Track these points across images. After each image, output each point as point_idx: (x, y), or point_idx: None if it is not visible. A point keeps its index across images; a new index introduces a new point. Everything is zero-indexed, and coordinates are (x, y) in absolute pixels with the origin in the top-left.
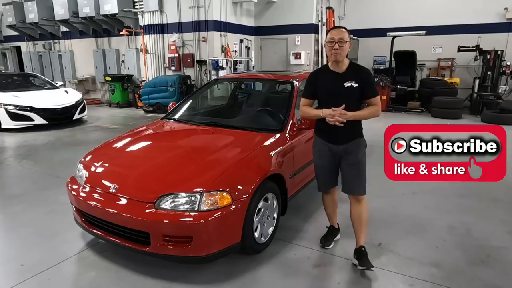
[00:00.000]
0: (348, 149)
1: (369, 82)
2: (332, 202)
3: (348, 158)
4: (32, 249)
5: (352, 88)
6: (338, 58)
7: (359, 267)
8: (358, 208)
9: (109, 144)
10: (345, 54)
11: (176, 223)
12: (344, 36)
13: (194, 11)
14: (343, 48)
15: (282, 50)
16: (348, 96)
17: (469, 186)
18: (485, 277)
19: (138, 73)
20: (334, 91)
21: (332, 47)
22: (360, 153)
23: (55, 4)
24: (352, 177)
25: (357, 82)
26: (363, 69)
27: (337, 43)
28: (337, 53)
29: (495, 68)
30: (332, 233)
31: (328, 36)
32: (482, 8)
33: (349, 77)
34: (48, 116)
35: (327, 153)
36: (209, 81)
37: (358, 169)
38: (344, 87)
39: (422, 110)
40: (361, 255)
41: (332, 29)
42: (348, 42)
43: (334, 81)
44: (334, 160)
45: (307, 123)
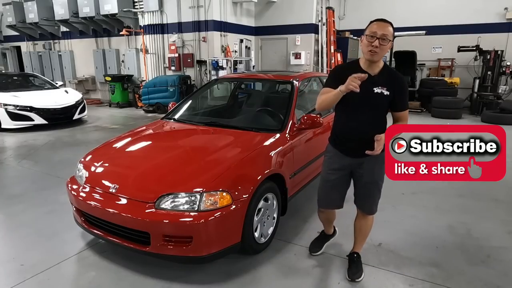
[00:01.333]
0: (364, 163)
1: (403, 92)
2: (329, 218)
3: (362, 173)
4: (32, 249)
5: (382, 95)
6: (374, 57)
7: (346, 276)
8: (362, 222)
9: (109, 144)
10: (384, 54)
11: (176, 223)
12: (388, 32)
13: (194, 11)
14: (384, 48)
15: (282, 50)
16: (375, 104)
17: (469, 186)
18: (485, 277)
19: (138, 73)
20: (361, 94)
21: (371, 43)
22: (378, 172)
23: (55, 4)
24: (365, 196)
25: (389, 90)
26: (398, 76)
27: (378, 40)
28: (376, 51)
29: (495, 68)
30: (324, 239)
31: (369, 29)
32: (482, 8)
33: (381, 82)
34: (48, 116)
35: (337, 165)
36: (209, 81)
37: (372, 189)
38: (373, 92)
39: (422, 110)
40: (352, 262)
41: (374, 21)
42: (391, 42)
43: (363, 83)
44: (345, 175)
45: (307, 123)
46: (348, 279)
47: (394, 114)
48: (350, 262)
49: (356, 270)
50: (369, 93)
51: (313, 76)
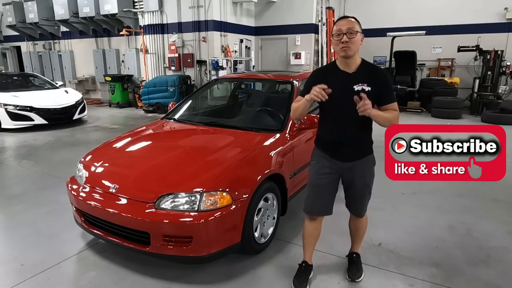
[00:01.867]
0: (354, 168)
1: (386, 86)
2: (315, 231)
3: (353, 178)
4: (32, 249)
5: (364, 92)
6: (348, 52)
7: (346, 277)
8: (357, 223)
9: (109, 144)
10: (357, 48)
11: (176, 223)
12: (353, 26)
13: (194, 11)
14: (354, 40)
15: (282, 50)
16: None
17: (469, 186)
18: (485, 277)
19: (138, 73)
20: (341, 95)
21: (340, 40)
22: (368, 175)
23: (55, 4)
24: (356, 200)
25: (370, 85)
26: (378, 70)
27: (345, 35)
28: (347, 46)
29: (495, 68)
30: (307, 272)
31: (335, 28)
32: (482, 8)
33: (360, 78)
34: (48, 116)
35: (327, 169)
36: (209, 81)
37: (363, 192)
38: (354, 91)
39: (422, 110)
40: (352, 262)
41: (339, 20)
42: (360, 33)
43: (342, 82)
44: (334, 179)
45: (307, 123)
46: (348, 279)
47: (382, 109)
48: (350, 263)
49: (356, 271)
50: (350, 92)
51: None
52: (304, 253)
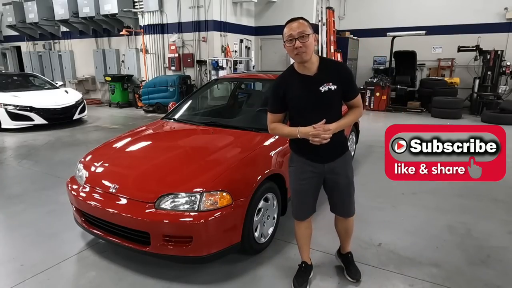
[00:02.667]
0: (336, 168)
1: (349, 80)
2: (307, 231)
3: (337, 179)
4: (32, 249)
5: (330, 91)
6: (304, 57)
7: (347, 276)
8: (344, 223)
9: (109, 144)
10: (312, 50)
11: (176, 223)
12: (304, 29)
13: (194, 11)
14: (307, 44)
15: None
16: (327, 103)
17: (469, 186)
18: (485, 277)
19: (138, 73)
20: (309, 100)
21: (293, 46)
22: (350, 171)
23: (55, 4)
24: (343, 199)
25: (335, 83)
26: (339, 65)
27: (297, 40)
28: (301, 51)
29: (495, 68)
30: (306, 272)
31: (286, 32)
32: (482, 8)
33: (324, 78)
34: (48, 116)
35: (308, 174)
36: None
37: (349, 189)
38: (320, 93)
39: (422, 110)
40: (348, 262)
41: (288, 22)
42: (312, 35)
43: (307, 87)
44: (317, 182)
45: None
46: (353, 280)
47: (348, 104)
48: (347, 264)
49: (355, 270)
50: (317, 94)
51: None
52: (301, 254)
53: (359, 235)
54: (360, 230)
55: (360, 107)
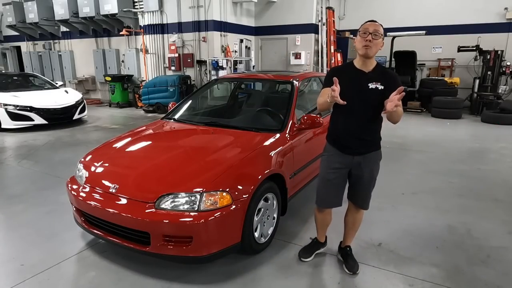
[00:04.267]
0: (363, 163)
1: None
2: (324, 220)
3: (362, 173)
4: (32, 249)
5: (377, 90)
6: (368, 52)
7: (346, 269)
8: (354, 216)
9: (109, 144)
10: (377, 50)
11: (176, 223)
12: (379, 29)
13: (194, 11)
14: (376, 42)
15: (282, 50)
16: (370, 99)
17: (469, 186)
18: (485, 277)
19: (138, 73)
20: (355, 91)
21: (364, 38)
22: (375, 169)
23: (55, 4)
24: (362, 192)
25: (382, 84)
26: (390, 72)
27: (370, 35)
28: (369, 45)
29: (495, 68)
30: (314, 247)
31: (362, 27)
32: (482, 8)
33: (374, 78)
34: (48, 116)
35: (337, 164)
36: (209, 81)
37: (370, 185)
38: (368, 88)
39: (422, 110)
40: (346, 255)
41: (367, 22)
42: (382, 39)
43: (358, 80)
44: (344, 174)
45: (307, 123)
46: (350, 272)
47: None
48: (345, 256)
49: (353, 263)
50: (364, 88)
51: (313, 76)
52: (317, 233)
53: (359, 235)
54: (360, 230)
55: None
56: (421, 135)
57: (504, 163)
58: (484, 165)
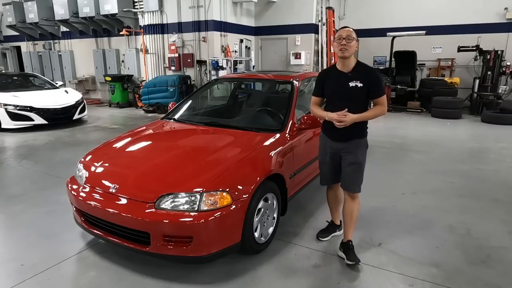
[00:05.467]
0: (347, 148)
1: (375, 82)
2: (334, 197)
3: (347, 157)
4: (32, 249)
5: (357, 88)
6: (345, 53)
7: (347, 261)
8: (350, 205)
9: (109, 144)
10: (352, 51)
11: (176, 223)
12: (351, 34)
13: (194, 11)
14: (350, 45)
15: (282, 50)
16: (353, 96)
17: (469, 186)
18: (485, 277)
19: (138, 73)
20: (339, 91)
21: (340, 43)
22: (360, 154)
23: (55, 4)
24: (349, 175)
25: (362, 82)
26: (370, 69)
27: (344, 39)
28: (345, 48)
29: (495, 68)
30: (330, 228)
31: (336, 34)
32: (482, 8)
33: (354, 77)
34: (48, 116)
35: (328, 149)
36: (209, 81)
37: (355, 169)
38: (349, 87)
39: (422, 110)
40: (348, 249)
41: (340, 29)
42: (355, 41)
43: (340, 80)
44: (334, 157)
45: (307, 123)
46: (352, 262)
47: (373, 101)
48: (347, 250)
49: (354, 256)
50: (346, 87)
51: (313, 76)
52: (331, 214)
53: (359, 235)
54: (360, 230)
55: (382, 106)
56: (421, 135)
57: (504, 163)
58: (484, 165)
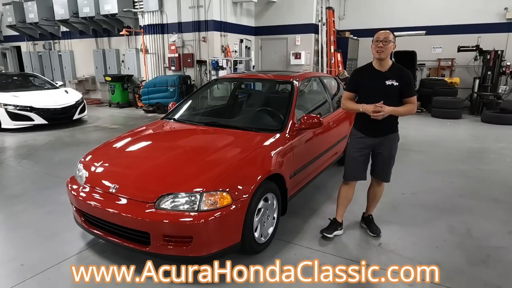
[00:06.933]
0: (383, 142)
1: (409, 83)
2: (347, 194)
3: (382, 150)
4: (32, 249)
5: (393, 86)
6: (381, 55)
7: (369, 233)
8: (376, 189)
9: (109, 144)
10: (389, 53)
11: (176, 223)
12: (389, 36)
13: (194, 11)
14: (387, 47)
15: (282, 50)
16: (387, 94)
17: (469, 186)
18: (485, 277)
19: (138, 73)
20: (375, 88)
21: (377, 45)
22: (394, 148)
23: (55, 4)
24: (383, 168)
25: (398, 81)
26: (404, 70)
27: (381, 42)
28: (381, 50)
29: (495, 68)
30: (334, 226)
31: (375, 37)
32: (482, 8)
33: (390, 76)
34: (48, 116)
35: (361, 145)
36: (209, 81)
37: (390, 161)
38: (385, 85)
39: (422, 110)
40: (369, 222)
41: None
42: (393, 43)
43: (377, 78)
44: (367, 153)
45: (307, 123)
46: (374, 235)
47: (404, 101)
48: (369, 223)
49: (376, 228)
50: (382, 85)
51: (313, 76)
52: (336, 211)
53: (359, 235)
54: (360, 230)
55: (413, 104)
56: (421, 135)
57: (504, 163)
58: (484, 165)
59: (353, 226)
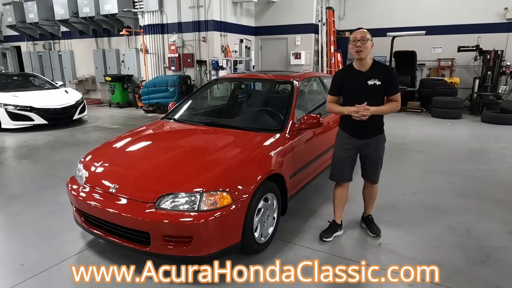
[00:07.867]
0: (370, 143)
1: (392, 80)
2: (342, 195)
3: (369, 152)
4: (32, 249)
5: (375, 86)
6: (361, 55)
7: (369, 233)
8: (370, 189)
9: (109, 144)
10: (368, 51)
11: (176, 223)
12: (365, 34)
13: (194, 11)
14: (366, 46)
15: (282, 50)
16: (371, 94)
17: (469, 186)
18: (485, 277)
19: (138, 73)
20: (358, 89)
21: (355, 45)
22: (380, 149)
23: (55, 4)
24: (372, 169)
25: (380, 80)
26: (386, 67)
27: (359, 41)
28: (360, 50)
29: (495, 68)
30: (333, 228)
31: (351, 36)
32: (482, 8)
33: (372, 75)
34: (48, 116)
35: (348, 146)
36: (209, 81)
37: (377, 163)
38: (367, 85)
39: (422, 110)
40: (369, 222)
41: (355, 30)
42: (370, 41)
43: (358, 79)
44: (353, 154)
45: (307, 123)
46: (374, 235)
47: (388, 98)
48: (369, 223)
49: (375, 228)
50: (365, 85)
51: (313, 76)
52: (334, 213)
53: (359, 235)
54: (360, 230)
55: (397, 102)
56: (421, 135)
57: (504, 163)
58: (484, 165)
59: (353, 226)
